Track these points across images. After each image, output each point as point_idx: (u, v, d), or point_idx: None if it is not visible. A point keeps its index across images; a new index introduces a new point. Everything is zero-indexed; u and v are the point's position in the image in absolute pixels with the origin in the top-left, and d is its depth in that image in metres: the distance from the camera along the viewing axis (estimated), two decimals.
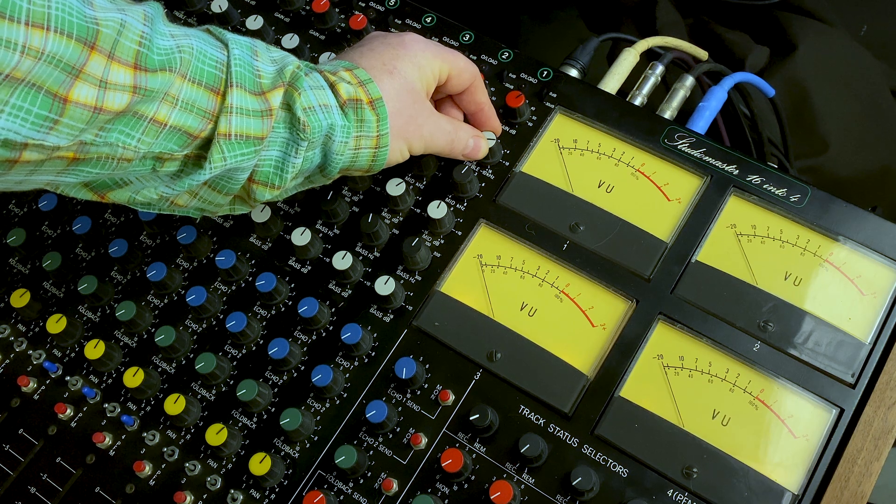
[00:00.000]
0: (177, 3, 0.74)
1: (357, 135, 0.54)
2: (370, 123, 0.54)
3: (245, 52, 0.50)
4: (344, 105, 0.53)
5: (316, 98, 0.52)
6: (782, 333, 0.56)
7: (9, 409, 0.61)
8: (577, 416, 0.55)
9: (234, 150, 0.49)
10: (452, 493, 0.54)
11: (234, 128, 0.48)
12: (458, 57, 0.60)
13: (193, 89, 0.46)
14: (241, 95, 0.48)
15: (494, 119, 0.64)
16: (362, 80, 0.55)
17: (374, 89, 0.54)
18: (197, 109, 0.47)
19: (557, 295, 0.59)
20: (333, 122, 0.53)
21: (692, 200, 0.61)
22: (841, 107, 0.86)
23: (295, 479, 0.56)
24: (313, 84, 0.52)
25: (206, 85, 0.47)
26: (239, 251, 0.63)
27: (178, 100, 0.46)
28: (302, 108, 0.51)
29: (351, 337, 0.58)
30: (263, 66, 0.50)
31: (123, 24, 0.42)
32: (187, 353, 0.61)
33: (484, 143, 0.63)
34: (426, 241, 0.62)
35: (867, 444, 0.53)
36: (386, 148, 0.56)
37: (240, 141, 0.49)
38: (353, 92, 0.54)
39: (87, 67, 0.40)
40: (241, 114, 0.48)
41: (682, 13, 0.91)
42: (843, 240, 0.59)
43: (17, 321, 0.63)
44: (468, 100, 0.62)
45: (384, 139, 0.55)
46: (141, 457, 0.58)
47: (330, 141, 0.53)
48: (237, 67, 0.48)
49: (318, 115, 0.52)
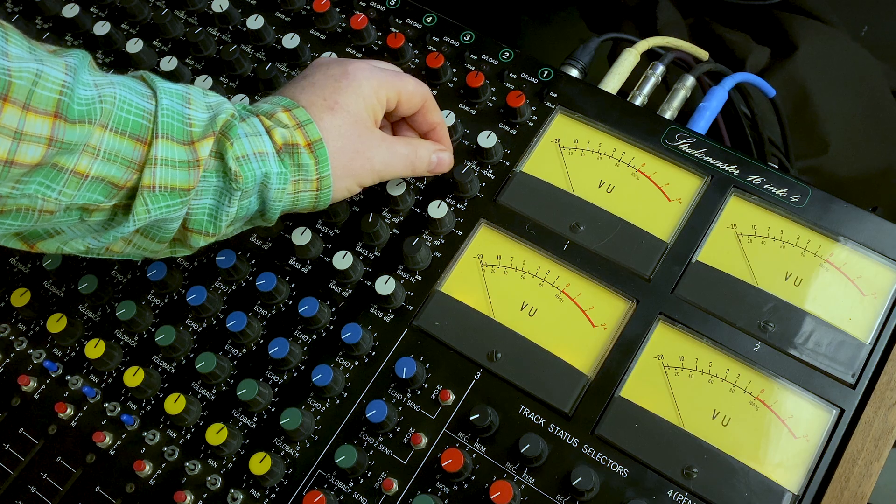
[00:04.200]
0: (178, 3, 0.74)
1: (295, 179, 0.53)
2: (308, 168, 0.53)
3: (175, 101, 0.48)
4: (280, 151, 0.52)
5: (250, 146, 0.51)
6: (783, 334, 0.56)
7: (9, 409, 0.61)
8: (577, 416, 0.55)
9: (159, 202, 0.48)
10: (452, 492, 0.54)
11: (158, 180, 0.47)
12: (407, 81, 0.58)
13: (116, 139, 0.45)
14: (167, 146, 0.47)
15: (447, 139, 0.62)
16: (301, 121, 0.53)
17: (314, 130, 0.53)
18: (121, 160, 0.46)
19: (558, 295, 0.59)
20: (269, 170, 0.51)
21: (693, 200, 0.61)
22: (841, 107, 0.86)
23: (295, 479, 0.56)
24: (249, 131, 0.51)
25: (131, 135, 0.46)
26: (239, 251, 0.63)
27: (99, 150, 0.45)
28: (234, 158, 0.50)
29: (351, 336, 0.58)
30: (196, 113, 0.49)
31: (40, 74, 0.41)
32: (187, 352, 0.61)
33: (447, 155, 0.61)
34: (426, 240, 0.62)
35: (867, 444, 0.53)
36: (329, 189, 0.55)
37: (164, 193, 0.48)
38: (290, 136, 0.52)
39: (2, 119, 0.39)
40: (167, 165, 0.47)
41: (683, 13, 0.91)
42: (843, 240, 0.59)
43: (18, 320, 0.63)
44: (420, 121, 0.61)
45: (325, 181, 0.54)
46: (141, 456, 0.58)
47: (266, 188, 0.52)
48: (165, 118, 0.47)
49: (251, 163, 0.51)
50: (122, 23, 0.74)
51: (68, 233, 0.49)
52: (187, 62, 0.71)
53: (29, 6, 0.76)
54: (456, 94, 0.67)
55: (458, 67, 0.69)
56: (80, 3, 0.74)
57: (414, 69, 0.69)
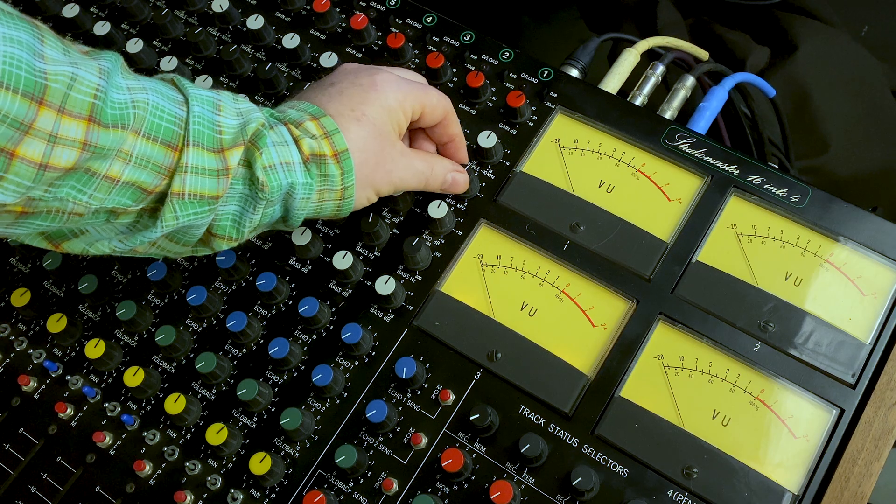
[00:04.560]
0: (178, 3, 0.74)
1: (320, 189, 0.54)
2: (334, 178, 0.53)
3: (206, 109, 0.49)
4: (307, 161, 0.52)
5: (278, 155, 0.51)
6: (783, 334, 0.56)
7: (9, 409, 0.61)
8: (577, 416, 0.55)
9: (188, 209, 0.48)
10: (452, 492, 0.54)
11: (188, 187, 0.47)
12: (430, 93, 0.58)
13: (148, 145, 0.45)
14: (197, 154, 0.47)
15: (463, 151, 0.63)
16: (328, 130, 0.53)
17: (341, 141, 0.53)
18: (152, 165, 0.46)
19: (558, 295, 0.59)
20: (294, 180, 0.52)
21: (693, 200, 0.61)
22: (841, 107, 0.86)
23: (295, 479, 0.56)
24: (277, 140, 0.51)
25: (163, 141, 0.46)
26: (239, 250, 0.63)
27: (131, 156, 0.45)
28: (262, 167, 0.50)
29: (351, 336, 0.58)
30: (226, 120, 0.49)
31: (74, 78, 0.41)
32: (188, 352, 0.61)
33: (462, 177, 0.62)
34: (427, 240, 0.62)
35: (867, 444, 0.53)
36: (351, 199, 0.55)
37: (193, 200, 0.48)
38: (317, 147, 0.53)
39: (37, 122, 0.39)
40: (197, 173, 0.47)
41: (683, 13, 0.91)
42: (843, 240, 0.59)
43: (18, 320, 0.63)
44: (440, 132, 0.61)
45: (349, 191, 0.55)
46: (141, 456, 0.58)
47: (291, 198, 0.53)
48: (196, 125, 0.47)
49: (278, 173, 0.51)
50: (122, 23, 0.74)
51: (94, 234, 0.49)
52: (187, 62, 0.71)
53: (29, 6, 0.76)
54: (456, 94, 0.67)
55: (458, 67, 0.69)
56: (80, 3, 0.74)
57: (414, 69, 0.69)
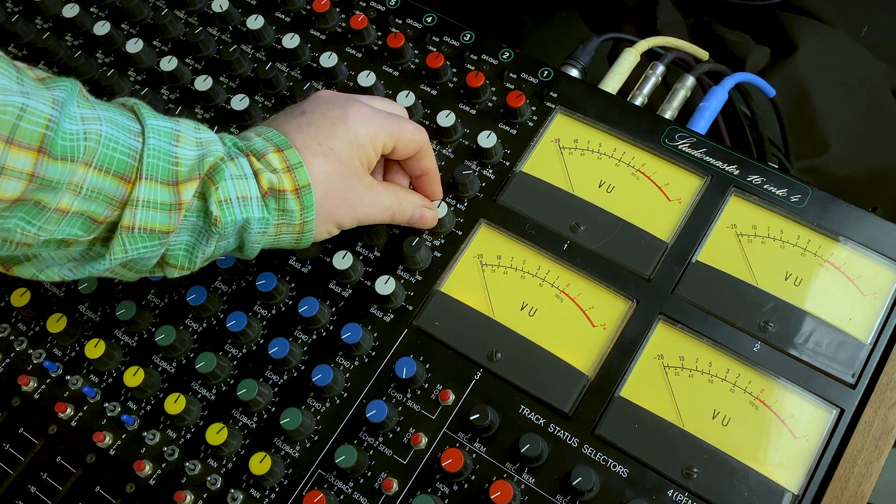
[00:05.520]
0: (178, 3, 0.74)
1: (278, 223, 0.53)
2: (293, 213, 0.53)
3: (162, 140, 0.48)
4: (265, 195, 0.51)
5: (235, 189, 0.50)
6: (783, 334, 0.56)
7: (9, 409, 0.61)
8: (577, 416, 0.55)
9: (137, 242, 0.48)
10: (452, 492, 0.54)
11: (138, 221, 0.47)
12: (404, 128, 0.57)
13: (100, 177, 0.45)
14: (150, 188, 0.47)
15: (437, 185, 0.62)
16: (292, 164, 0.52)
17: (303, 175, 0.52)
18: (103, 197, 0.46)
19: (558, 295, 0.59)
20: (250, 215, 0.51)
21: (693, 200, 0.61)
22: (841, 107, 0.86)
23: (295, 479, 0.56)
24: (235, 173, 0.50)
25: (115, 173, 0.46)
26: None
27: (81, 188, 0.44)
28: (217, 202, 0.49)
29: (351, 336, 0.58)
30: (185, 151, 0.49)
31: (24, 108, 0.40)
32: (187, 352, 0.61)
33: (430, 213, 0.60)
34: (426, 240, 0.62)
35: (867, 444, 0.53)
36: (311, 233, 0.54)
37: (143, 234, 0.47)
38: (277, 182, 0.51)
39: None
40: (148, 207, 0.47)
41: (683, 13, 0.91)
42: (843, 240, 0.59)
43: (18, 320, 0.63)
44: (413, 165, 0.60)
45: (309, 225, 0.54)
46: (141, 456, 0.58)
47: (246, 231, 0.52)
48: (150, 158, 0.47)
49: (233, 208, 0.50)
50: (122, 23, 0.74)
51: (46, 259, 0.49)
52: (187, 62, 0.71)
53: (29, 6, 0.76)
54: (456, 94, 0.67)
55: (458, 67, 0.69)
56: (80, 3, 0.74)
57: (414, 69, 0.69)
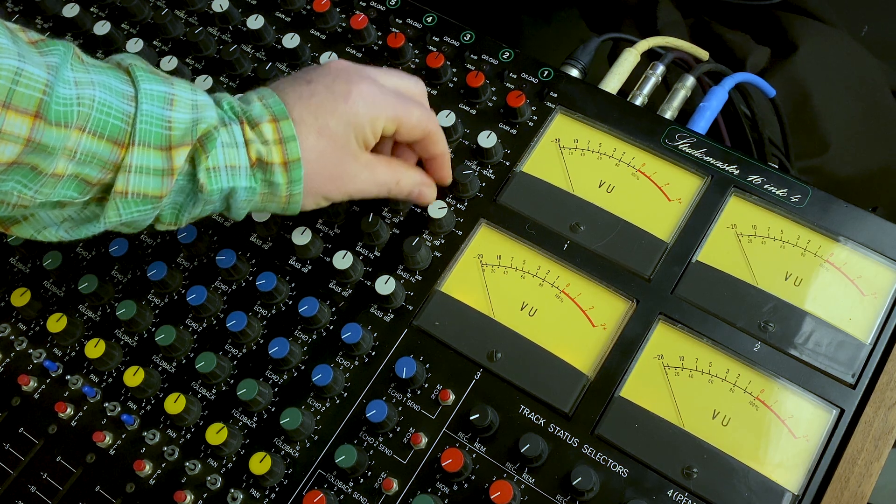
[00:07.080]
0: (178, 3, 0.74)
1: (264, 193, 0.53)
2: (279, 186, 0.53)
3: (156, 106, 0.48)
4: (253, 166, 0.52)
5: (225, 158, 0.50)
6: (783, 334, 0.56)
7: (9, 408, 0.61)
8: (577, 416, 0.55)
9: (130, 207, 0.48)
10: (452, 492, 0.54)
11: (131, 186, 0.47)
12: (410, 112, 0.56)
13: (93, 142, 0.45)
14: (142, 154, 0.47)
15: (446, 170, 0.61)
16: (285, 136, 0.52)
17: (294, 150, 0.52)
18: (98, 161, 0.46)
19: (558, 295, 0.59)
20: (237, 184, 0.51)
21: (693, 200, 0.61)
22: (841, 107, 0.86)
23: (295, 479, 0.56)
24: (227, 141, 0.50)
25: (109, 137, 0.46)
26: (239, 250, 0.63)
27: (76, 153, 0.45)
28: (206, 169, 0.49)
29: (351, 336, 0.58)
30: (178, 115, 0.48)
31: (20, 73, 0.41)
32: (188, 352, 0.61)
33: (429, 191, 0.60)
34: (426, 240, 0.62)
35: (867, 444, 0.53)
36: (297, 203, 0.54)
37: (136, 199, 0.48)
38: (266, 154, 0.51)
39: None
40: (141, 172, 0.47)
41: (683, 13, 0.91)
42: (843, 240, 0.59)
43: (18, 320, 0.63)
44: (422, 149, 0.60)
45: (295, 198, 0.54)
46: (141, 456, 0.58)
47: (232, 198, 0.52)
48: (143, 124, 0.47)
49: (220, 176, 0.50)
50: (122, 23, 0.74)
51: (43, 218, 0.49)
52: (187, 62, 0.71)
53: (29, 6, 0.76)
54: (456, 93, 0.67)
55: (458, 67, 0.69)
56: (80, 3, 0.74)
57: (414, 69, 0.69)
